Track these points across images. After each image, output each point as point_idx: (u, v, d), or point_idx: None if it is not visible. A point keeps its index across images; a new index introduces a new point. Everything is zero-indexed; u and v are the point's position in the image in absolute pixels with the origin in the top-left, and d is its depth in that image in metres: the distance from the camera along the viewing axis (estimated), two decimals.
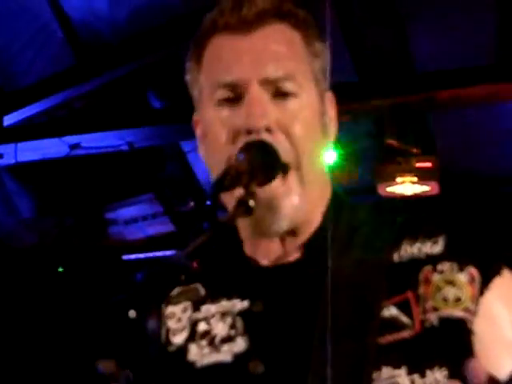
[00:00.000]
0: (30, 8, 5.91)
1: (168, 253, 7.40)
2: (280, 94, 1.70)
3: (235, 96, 1.70)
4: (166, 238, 7.56)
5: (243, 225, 1.75)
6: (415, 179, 5.93)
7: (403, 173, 5.93)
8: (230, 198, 1.60)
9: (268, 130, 1.65)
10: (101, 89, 6.27)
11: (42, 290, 7.66)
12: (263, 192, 1.61)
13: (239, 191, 1.55)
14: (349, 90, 5.72)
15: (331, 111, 1.83)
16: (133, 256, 7.55)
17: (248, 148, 1.63)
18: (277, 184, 1.65)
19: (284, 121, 1.68)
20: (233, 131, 1.68)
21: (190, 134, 5.54)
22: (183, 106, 5.87)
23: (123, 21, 6.02)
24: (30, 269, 7.70)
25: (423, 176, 5.98)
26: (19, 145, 6.16)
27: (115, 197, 7.48)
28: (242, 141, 1.65)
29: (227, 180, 1.57)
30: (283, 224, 1.68)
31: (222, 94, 1.70)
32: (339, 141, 4.25)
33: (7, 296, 7.54)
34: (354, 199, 1.94)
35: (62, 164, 6.59)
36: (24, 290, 7.81)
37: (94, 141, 6.23)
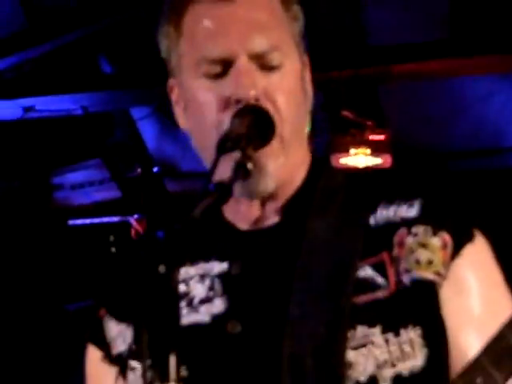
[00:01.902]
0: None
1: (114, 218, 7.34)
2: (267, 67, 1.69)
3: (223, 69, 1.69)
4: (113, 204, 7.45)
5: (242, 188, 1.73)
6: (368, 151, 5.89)
7: (357, 145, 5.90)
8: (226, 161, 1.58)
9: (257, 99, 1.66)
10: (52, 52, 5.97)
11: None
12: (256, 155, 1.63)
13: (236, 154, 1.57)
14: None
15: (308, 73, 1.84)
16: (79, 221, 7.33)
17: (244, 113, 1.63)
18: (266, 148, 1.66)
19: (270, 91, 1.69)
20: (221, 100, 1.68)
21: (140, 101, 5.32)
22: (134, 73, 6.09)
23: None
24: None
25: (376, 148, 5.94)
26: None
27: (63, 161, 7.27)
28: (232, 109, 1.66)
29: (229, 143, 1.57)
30: (271, 183, 1.69)
31: (210, 68, 1.70)
32: None
33: None
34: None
35: (14, 126, 6.45)
36: None
37: (47, 104, 6.08)
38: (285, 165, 1.73)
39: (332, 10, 5.99)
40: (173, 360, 1.45)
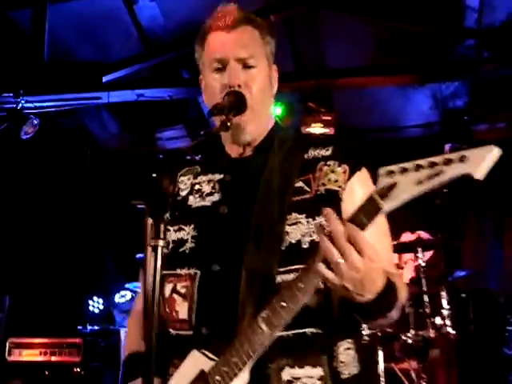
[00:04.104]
0: (116, 19, 6.14)
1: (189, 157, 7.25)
2: (246, 67, 1.81)
3: (222, 66, 1.81)
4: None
5: (225, 137, 1.88)
6: (322, 125, 6.30)
7: (316, 122, 6.30)
8: (217, 120, 1.71)
9: (239, 86, 1.79)
10: (157, 65, 6.44)
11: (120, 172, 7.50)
12: (236, 119, 1.73)
13: (222, 117, 1.68)
14: (288, 76, 6.05)
15: (275, 75, 1.93)
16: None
17: (228, 94, 1.76)
18: (243, 115, 1.77)
19: (248, 81, 1.80)
20: (221, 86, 1.80)
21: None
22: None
23: (171, 28, 6.27)
24: (115, 161, 7.70)
25: (326, 124, 6.31)
26: (111, 93, 6.21)
27: (162, 125, 7.44)
28: (226, 91, 1.78)
29: (215, 110, 1.71)
30: (247, 137, 1.84)
31: (215, 65, 1.83)
32: (284, 102, 5.38)
33: (102, 176, 7.52)
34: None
35: (132, 105, 6.59)
36: (111, 174, 7.60)
37: (150, 93, 6.30)
38: (256, 127, 1.84)
39: (307, 51, 6.45)
40: (162, 225, 1.39)
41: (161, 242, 1.40)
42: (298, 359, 1.66)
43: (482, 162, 1.32)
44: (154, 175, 1.41)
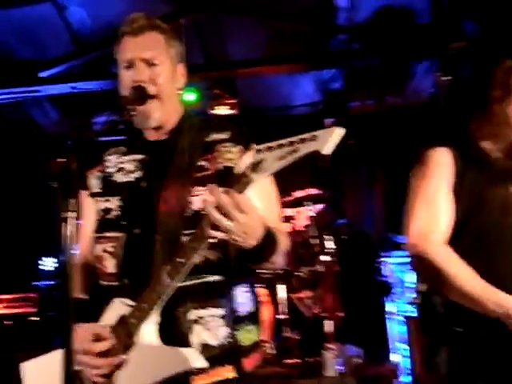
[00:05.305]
0: (50, 23, 5.80)
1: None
2: (151, 65, 1.78)
3: (130, 65, 1.78)
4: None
5: (137, 122, 1.83)
6: (228, 108, 6.37)
7: (222, 104, 6.35)
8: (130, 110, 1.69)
9: (144, 82, 1.76)
10: (86, 62, 6.13)
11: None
12: (141, 108, 1.74)
13: (128, 107, 1.68)
14: (198, 68, 5.94)
15: (182, 72, 1.89)
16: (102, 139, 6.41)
17: (134, 89, 1.75)
18: (148, 104, 1.76)
19: (153, 77, 1.77)
20: (130, 82, 1.77)
21: None
22: None
23: (98, 29, 5.89)
24: (52, 144, 6.94)
25: (231, 106, 6.37)
26: (48, 87, 5.99)
27: (98, 111, 6.91)
28: (132, 85, 1.76)
29: (123, 102, 1.70)
30: (153, 123, 1.80)
31: (125, 64, 1.79)
32: (196, 90, 5.26)
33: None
34: (199, 114, 2.03)
35: (65, 98, 6.33)
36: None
37: (82, 85, 6.07)
38: (161, 114, 1.79)
39: (211, 44, 6.18)
40: (72, 202, 1.36)
41: (70, 214, 1.38)
42: (202, 302, 1.70)
43: (328, 140, 1.34)
44: (62, 160, 1.39)
